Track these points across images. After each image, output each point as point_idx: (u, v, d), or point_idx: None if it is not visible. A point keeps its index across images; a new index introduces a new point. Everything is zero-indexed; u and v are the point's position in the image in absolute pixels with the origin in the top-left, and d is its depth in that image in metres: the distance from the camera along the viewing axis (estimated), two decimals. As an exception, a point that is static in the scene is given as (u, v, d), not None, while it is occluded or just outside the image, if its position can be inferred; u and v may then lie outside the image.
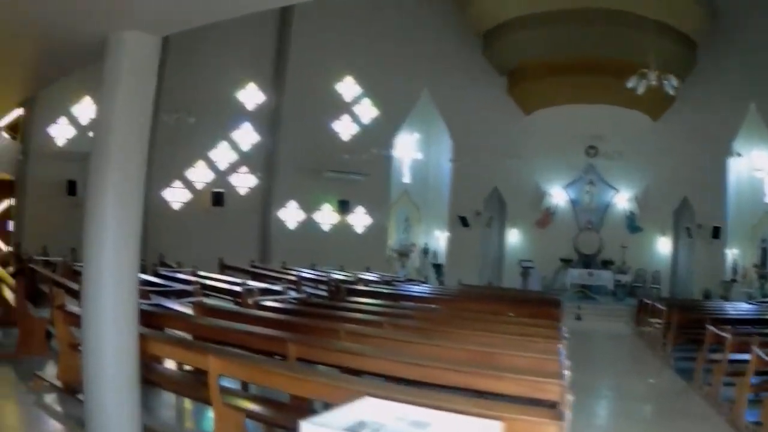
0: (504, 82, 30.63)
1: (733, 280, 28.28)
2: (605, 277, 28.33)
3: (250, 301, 12.01)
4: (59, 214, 21.14)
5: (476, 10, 28.86)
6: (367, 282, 19.71)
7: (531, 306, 15.50)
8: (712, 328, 11.59)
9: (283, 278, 18.94)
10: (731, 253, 29.02)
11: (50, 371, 9.80)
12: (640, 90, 15.35)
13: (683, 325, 15.14)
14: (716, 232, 28.64)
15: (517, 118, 30.44)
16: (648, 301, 20.30)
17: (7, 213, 24.89)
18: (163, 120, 22.21)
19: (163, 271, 18.38)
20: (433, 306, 14.48)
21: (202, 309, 9.85)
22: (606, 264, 29.26)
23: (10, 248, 23.50)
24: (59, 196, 22.62)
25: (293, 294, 15.52)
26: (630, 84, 15.40)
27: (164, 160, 24.04)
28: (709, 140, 28.02)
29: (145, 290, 12.28)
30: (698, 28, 28.01)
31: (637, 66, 26.77)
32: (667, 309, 16.23)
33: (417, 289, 19.03)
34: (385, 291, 16.98)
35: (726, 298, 26.56)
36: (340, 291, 15.71)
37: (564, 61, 28.06)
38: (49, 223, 22.00)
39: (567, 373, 6.40)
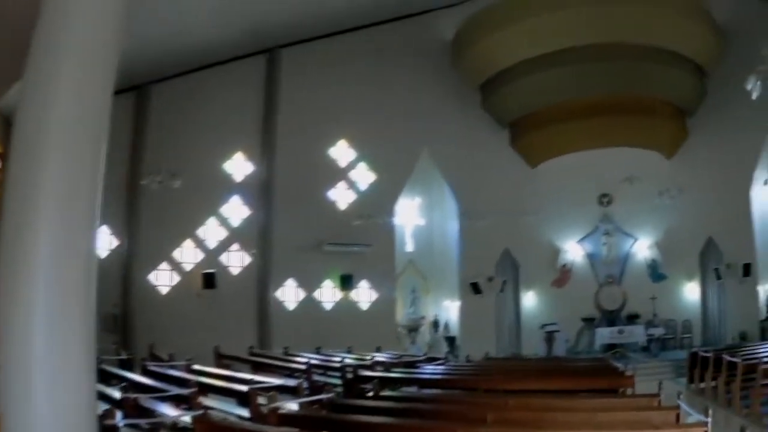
0: (507, 135, 29.05)
1: (768, 318, 26.23)
2: (637, 333, 26.27)
3: (261, 401, 9.61)
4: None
5: (470, 61, 27.60)
6: (386, 365, 17.09)
7: (592, 377, 13.09)
8: None
9: (289, 367, 16.42)
10: (764, 290, 26.75)
11: None
12: (755, 94, 12.64)
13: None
14: (747, 270, 26.40)
15: (524, 172, 28.84)
16: (706, 354, 17.65)
17: None
18: (143, 185, 20.34)
19: (153, 366, 15.65)
20: (477, 389, 11.98)
21: (207, 426, 7.22)
22: (631, 318, 27.39)
23: None
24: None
25: (306, 385, 13.02)
26: (749, 85, 12.73)
27: (149, 240, 22.42)
28: (728, 174, 26.31)
29: (131, 398, 9.75)
30: (709, 57, 26.84)
31: (649, 99, 25.59)
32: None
33: (445, 370, 16.40)
34: (417, 377, 14.34)
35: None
36: (370, 382, 13.02)
37: (567, 105, 26.87)
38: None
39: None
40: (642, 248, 28.51)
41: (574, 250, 28.77)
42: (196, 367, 15.25)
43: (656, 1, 24.83)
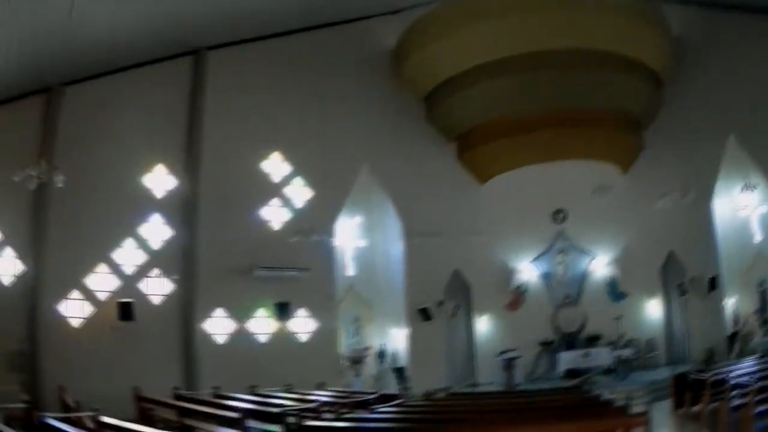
0: (453, 149, 27.17)
1: (735, 332, 24.58)
2: (603, 356, 24.46)
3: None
4: None
5: (412, 70, 25.91)
6: (335, 408, 14.58)
7: (589, 418, 10.68)
8: None
9: (221, 415, 13.65)
10: (729, 304, 25.41)
11: None
12: None
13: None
14: (713, 284, 25.19)
15: (472, 188, 27.04)
16: (702, 377, 15.54)
17: None
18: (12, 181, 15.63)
19: (53, 420, 12.38)
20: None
21: None
22: (592, 340, 25.66)
23: None
24: None
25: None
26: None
27: (57, 264, 19.35)
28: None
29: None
30: (665, 65, 25.61)
31: (603, 110, 24.18)
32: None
33: (406, 413, 13.79)
34: (376, 426, 11.77)
35: (744, 354, 23.01)
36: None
37: (516, 116, 25.21)
38: None
39: None
40: (600, 266, 26.94)
41: (527, 271, 27.00)
42: (107, 420, 12.29)
43: (611, 7, 23.62)
